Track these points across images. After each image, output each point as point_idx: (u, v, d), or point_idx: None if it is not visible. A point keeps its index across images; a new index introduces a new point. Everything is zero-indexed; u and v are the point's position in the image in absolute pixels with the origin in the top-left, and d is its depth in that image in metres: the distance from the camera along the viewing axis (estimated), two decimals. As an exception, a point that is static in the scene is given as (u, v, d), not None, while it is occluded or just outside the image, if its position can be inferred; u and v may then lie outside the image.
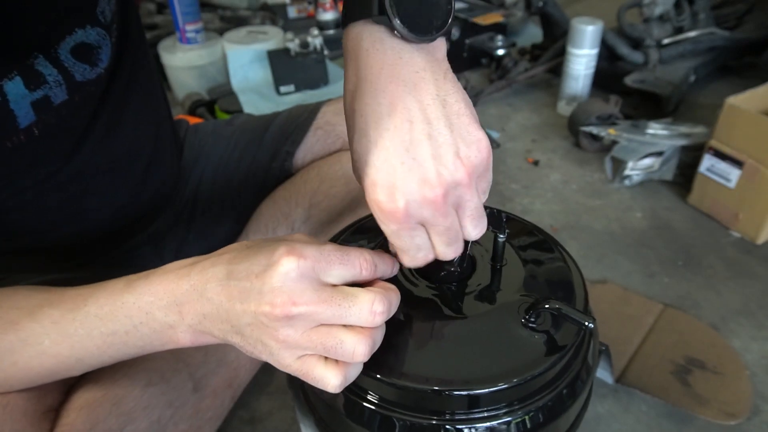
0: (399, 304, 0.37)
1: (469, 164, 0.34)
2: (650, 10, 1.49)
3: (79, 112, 0.49)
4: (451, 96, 0.35)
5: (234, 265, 0.34)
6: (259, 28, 1.67)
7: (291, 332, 0.33)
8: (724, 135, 1.02)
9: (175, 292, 0.36)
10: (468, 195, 0.35)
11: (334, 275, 0.34)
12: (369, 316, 0.34)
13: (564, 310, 0.38)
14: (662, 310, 0.89)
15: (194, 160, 0.74)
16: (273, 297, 0.32)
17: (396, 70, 0.35)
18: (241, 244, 0.37)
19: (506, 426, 0.37)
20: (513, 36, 1.94)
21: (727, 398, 0.74)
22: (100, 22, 0.48)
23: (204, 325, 0.36)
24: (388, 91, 0.35)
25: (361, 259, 0.35)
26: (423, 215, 0.35)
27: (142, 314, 0.37)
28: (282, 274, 0.32)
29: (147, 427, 0.48)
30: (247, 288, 0.33)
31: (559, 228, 1.10)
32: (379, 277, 0.37)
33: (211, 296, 0.34)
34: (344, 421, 0.39)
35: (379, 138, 0.34)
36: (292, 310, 0.32)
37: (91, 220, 0.57)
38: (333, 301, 0.33)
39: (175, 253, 0.72)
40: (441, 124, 0.34)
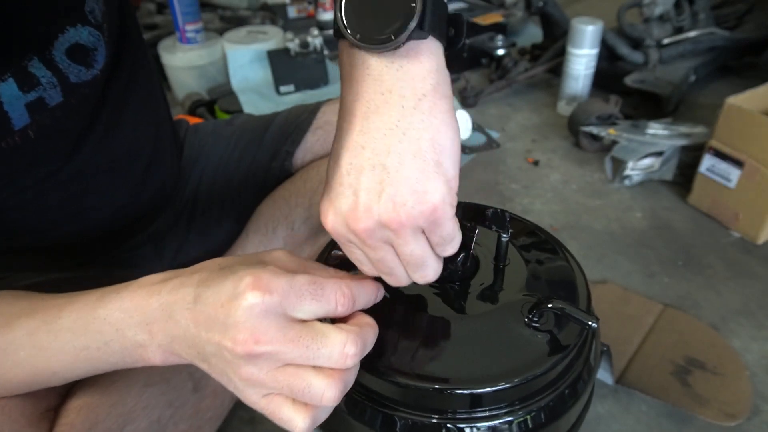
0: (376, 339, 0.35)
1: (403, 212, 0.32)
2: (650, 10, 1.49)
3: (75, 113, 0.49)
4: (414, 130, 0.32)
5: (202, 289, 0.32)
6: (259, 28, 1.67)
7: (254, 370, 0.31)
8: (725, 135, 1.02)
9: (145, 310, 0.35)
10: (399, 240, 0.33)
11: (305, 311, 0.32)
12: (340, 358, 0.31)
13: (567, 310, 0.38)
14: (662, 310, 0.89)
15: (194, 160, 0.74)
16: (235, 332, 0.30)
17: (361, 88, 0.33)
18: (215, 262, 0.35)
19: (508, 425, 0.37)
20: (513, 36, 1.94)
21: (727, 398, 0.74)
22: (90, 22, 0.47)
23: (173, 346, 0.34)
24: (351, 110, 0.33)
25: (338, 293, 0.33)
26: (350, 239, 0.34)
27: (113, 331, 0.36)
28: (245, 309, 0.30)
29: (147, 426, 0.48)
30: (212, 317, 0.31)
31: (559, 228, 1.10)
32: (359, 308, 0.35)
33: (179, 319, 0.33)
34: (346, 420, 0.39)
35: (335, 153, 0.34)
36: (255, 348, 0.30)
37: (91, 219, 0.57)
38: (300, 341, 0.31)
39: (175, 253, 0.72)
40: (389, 160, 0.32)
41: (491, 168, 1.29)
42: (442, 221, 0.33)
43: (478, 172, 1.27)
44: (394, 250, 0.34)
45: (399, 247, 0.34)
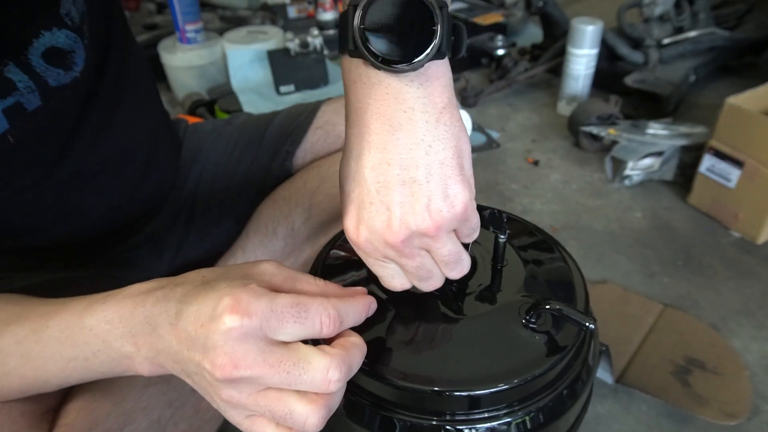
0: (363, 359, 0.34)
1: (439, 218, 0.33)
2: (650, 10, 1.49)
3: (58, 116, 0.48)
4: (439, 142, 0.33)
5: (184, 306, 0.32)
6: (259, 28, 1.67)
7: (235, 393, 0.30)
8: (724, 135, 1.02)
9: (130, 322, 0.34)
10: (437, 244, 0.34)
11: (287, 333, 0.31)
12: (323, 384, 0.30)
13: (565, 311, 0.38)
14: (662, 310, 0.89)
15: (193, 160, 0.74)
16: (214, 356, 0.29)
17: (383, 107, 0.33)
18: (200, 274, 0.35)
19: (506, 426, 0.37)
20: (513, 36, 1.94)
21: (727, 398, 0.74)
22: (66, 24, 0.46)
23: (159, 360, 0.34)
24: (372, 128, 0.33)
25: (323, 315, 0.32)
26: (386, 254, 0.35)
27: (99, 342, 0.35)
28: (223, 333, 0.29)
29: (147, 427, 0.48)
30: (192, 336, 0.31)
31: (559, 228, 1.10)
32: (348, 327, 0.34)
33: (162, 334, 0.32)
34: (344, 422, 0.39)
35: (357, 172, 0.34)
36: (233, 373, 0.29)
37: (87, 219, 0.57)
38: (281, 366, 0.30)
39: (174, 254, 0.72)
40: (418, 173, 0.33)
41: (491, 168, 1.29)
42: (470, 217, 0.35)
43: (478, 172, 1.27)
44: (430, 255, 0.36)
45: (437, 251, 0.35)
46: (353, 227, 0.35)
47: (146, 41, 1.69)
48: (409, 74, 0.33)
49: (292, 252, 0.67)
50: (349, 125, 0.35)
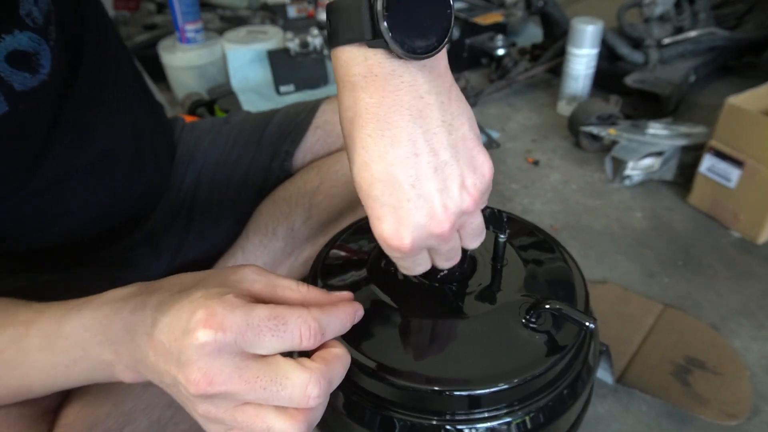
0: (346, 371, 0.32)
1: (476, 192, 0.34)
2: (650, 10, 1.49)
3: (29, 121, 0.47)
4: (457, 119, 0.34)
5: (159, 315, 0.31)
6: (259, 28, 1.67)
7: (211, 408, 0.30)
8: (725, 135, 1.02)
9: (109, 330, 0.33)
10: (472, 218, 0.35)
11: (264, 347, 0.30)
12: (302, 399, 0.29)
13: (565, 311, 0.38)
14: (662, 310, 0.89)
15: (190, 158, 0.74)
16: (188, 372, 0.28)
17: (399, 97, 0.32)
18: (178, 279, 0.34)
19: (507, 426, 0.37)
20: (513, 36, 1.94)
21: (727, 398, 0.74)
22: (28, 26, 0.45)
23: (139, 368, 0.33)
24: (391, 122, 0.32)
25: (303, 327, 0.30)
26: (429, 244, 0.34)
27: (79, 350, 0.34)
28: (196, 348, 0.28)
29: (147, 427, 0.48)
30: (167, 349, 0.30)
31: (559, 228, 1.10)
32: (331, 337, 0.33)
33: (140, 343, 0.31)
34: (345, 421, 0.39)
35: (383, 173, 0.32)
36: (208, 389, 0.28)
37: (73, 223, 0.56)
38: (257, 382, 0.29)
39: (174, 253, 0.72)
40: (447, 154, 0.33)
41: (491, 168, 1.29)
42: (490, 181, 0.36)
43: (478, 172, 1.27)
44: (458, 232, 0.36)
45: (470, 225, 0.35)
46: (393, 232, 0.33)
47: (146, 41, 1.69)
48: (420, 61, 0.32)
49: (293, 252, 0.67)
50: (361, 126, 0.33)
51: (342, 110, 0.34)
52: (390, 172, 0.32)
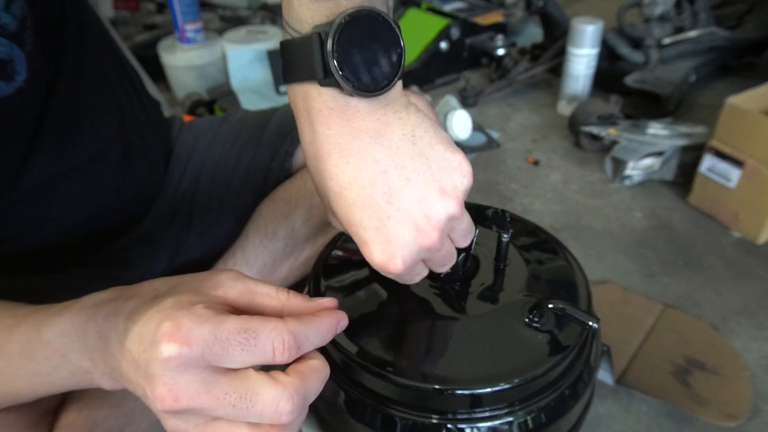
0: (324, 384, 0.31)
1: (457, 193, 0.33)
2: (650, 10, 1.49)
3: (8, 129, 0.46)
4: (419, 128, 0.33)
5: (129, 324, 0.30)
6: (258, 28, 1.67)
7: (181, 424, 0.29)
8: (725, 135, 1.02)
9: (84, 337, 0.33)
10: (459, 221, 0.35)
11: (233, 361, 0.28)
12: (273, 416, 0.28)
13: (568, 310, 0.38)
14: (662, 311, 0.89)
15: (188, 157, 0.74)
16: (154, 386, 0.28)
17: (356, 123, 0.32)
18: (152, 286, 0.33)
19: (508, 426, 0.37)
20: (513, 36, 1.94)
21: (727, 399, 0.74)
22: (8, 31, 0.44)
23: (114, 376, 0.32)
24: (353, 148, 0.32)
25: (276, 341, 0.29)
26: (422, 257, 0.35)
27: (58, 356, 0.34)
28: (161, 362, 0.27)
29: (146, 428, 0.48)
30: (136, 360, 0.29)
31: (559, 228, 1.10)
32: (309, 350, 0.31)
33: (113, 351, 0.31)
34: (346, 419, 0.39)
35: (357, 197, 0.32)
36: (174, 405, 0.27)
37: (65, 224, 0.56)
38: (226, 399, 0.28)
39: (173, 254, 0.71)
40: (417, 163, 0.33)
41: (491, 168, 1.29)
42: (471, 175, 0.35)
43: (478, 172, 1.27)
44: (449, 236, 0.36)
45: (458, 227, 0.35)
46: (384, 256, 0.33)
47: (146, 41, 1.69)
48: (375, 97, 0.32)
49: (293, 252, 0.67)
50: (325, 157, 0.33)
51: (304, 146, 0.35)
52: (363, 195, 0.32)
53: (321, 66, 0.31)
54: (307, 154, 0.35)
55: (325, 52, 0.31)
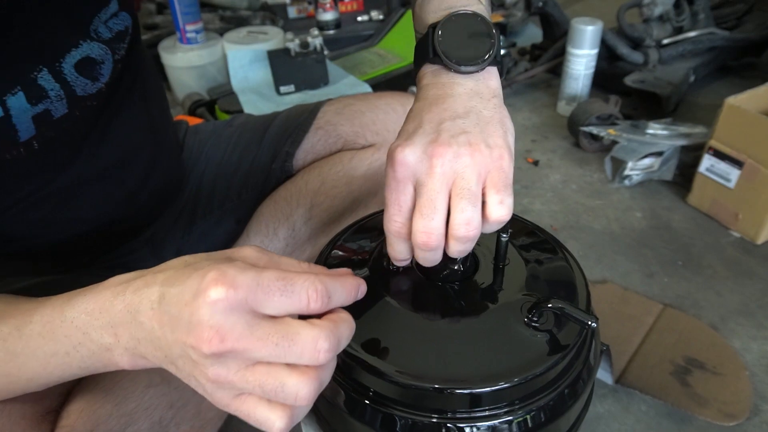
0: (352, 335, 0.33)
1: (477, 151, 0.37)
2: (650, 10, 1.49)
3: (77, 125, 0.49)
4: (489, 110, 0.40)
5: (167, 288, 0.31)
6: (259, 28, 1.67)
7: (222, 371, 0.30)
8: (724, 135, 1.02)
9: (109, 312, 0.34)
10: (466, 173, 0.37)
11: (274, 307, 0.30)
12: (312, 355, 0.30)
13: (567, 310, 0.38)
14: (662, 310, 0.89)
15: (194, 162, 0.74)
16: (200, 331, 0.29)
17: (449, 89, 0.41)
18: (182, 260, 0.35)
19: (507, 425, 0.37)
20: (513, 36, 1.94)
21: (726, 398, 0.75)
22: (93, 39, 0.47)
23: (139, 349, 0.33)
24: (438, 97, 0.41)
25: (310, 289, 0.31)
26: (417, 169, 0.37)
27: (80, 334, 0.35)
28: (209, 305, 0.29)
29: (148, 428, 0.48)
30: (176, 316, 0.30)
31: (558, 228, 1.10)
32: (336, 306, 0.33)
33: (143, 320, 0.32)
34: (346, 419, 0.40)
35: (418, 117, 0.40)
36: (220, 347, 0.29)
37: (85, 225, 0.56)
38: (269, 339, 0.29)
39: (174, 254, 0.71)
40: (471, 120, 0.39)
41: (491, 168, 1.29)
42: (506, 169, 0.38)
43: (478, 172, 1.27)
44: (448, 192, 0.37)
45: (460, 180, 0.37)
46: (396, 145, 0.38)
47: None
48: (472, 75, 0.41)
49: (293, 252, 0.67)
50: (416, 103, 0.42)
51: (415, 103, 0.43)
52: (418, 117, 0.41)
53: (431, 48, 0.42)
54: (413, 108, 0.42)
55: (434, 38, 0.42)
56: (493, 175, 0.38)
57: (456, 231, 0.37)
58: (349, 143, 0.75)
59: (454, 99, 0.40)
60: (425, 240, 0.37)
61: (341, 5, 1.92)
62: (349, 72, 1.56)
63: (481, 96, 0.41)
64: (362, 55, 1.71)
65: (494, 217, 0.37)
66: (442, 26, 0.42)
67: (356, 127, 0.74)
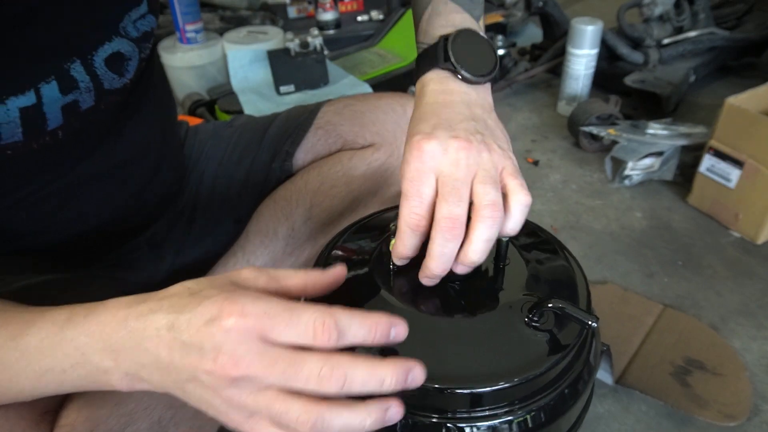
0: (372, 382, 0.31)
1: (494, 152, 0.41)
2: (650, 10, 1.49)
3: (100, 118, 0.51)
4: (491, 120, 0.45)
5: (175, 315, 0.33)
6: (259, 28, 1.67)
7: (236, 392, 0.31)
8: (724, 135, 1.02)
9: (111, 337, 0.34)
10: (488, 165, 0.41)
11: (281, 336, 0.32)
12: (316, 382, 0.31)
13: (567, 310, 0.38)
14: (662, 311, 0.89)
15: (194, 162, 0.74)
16: (215, 355, 0.31)
17: (457, 96, 0.45)
18: (184, 286, 0.35)
19: (508, 425, 0.37)
20: (513, 36, 1.94)
21: (726, 399, 0.74)
22: (122, 36, 0.50)
23: (142, 374, 0.34)
24: (448, 101, 0.45)
25: (316, 322, 0.31)
26: (444, 160, 0.40)
27: (78, 354, 0.35)
28: (223, 333, 0.31)
29: (147, 428, 0.48)
30: (188, 343, 0.32)
31: (559, 228, 1.10)
32: (351, 342, 0.33)
33: (149, 347, 0.33)
34: (346, 420, 0.39)
35: (433, 117, 0.43)
36: (234, 372, 0.31)
37: (90, 222, 0.57)
38: (277, 366, 0.31)
39: (175, 255, 0.72)
40: (481, 125, 0.43)
41: (491, 168, 1.29)
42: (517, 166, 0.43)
43: (478, 172, 1.27)
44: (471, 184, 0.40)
45: (482, 171, 0.40)
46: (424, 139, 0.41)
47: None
48: (474, 86, 0.47)
49: (293, 252, 0.67)
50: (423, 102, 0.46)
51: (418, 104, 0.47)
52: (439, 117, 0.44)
53: (442, 55, 0.46)
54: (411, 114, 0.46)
55: (447, 47, 0.46)
56: (507, 168, 0.42)
57: (483, 211, 0.39)
58: (349, 143, 0.75)
59: (463, 105, 0.44)
60: (450, 226, 0.38)
61: (341, 5, 1.91)
62: (349, 72, 1.56)
63: (483, 107, 0.46)
64: (362, 55, 1.71)
65: (517, 199, 0.41)
66: (455, 38, 0.47)
67: (356, 127, 0.75)
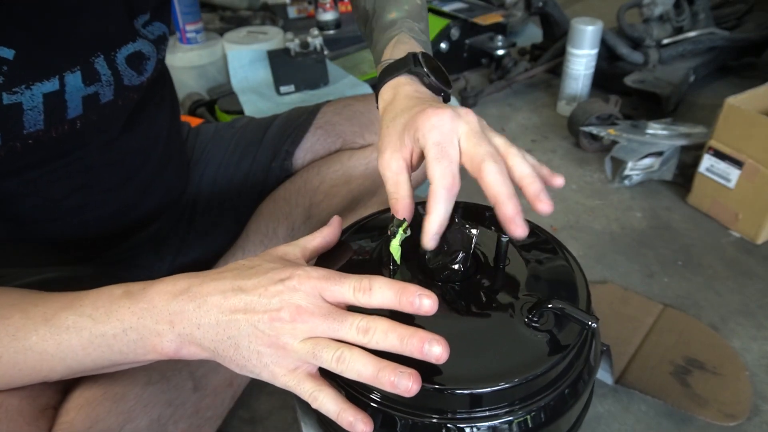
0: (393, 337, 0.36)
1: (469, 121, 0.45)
2: (650, 10, 1.49)
3: (116, 113, 0.53)
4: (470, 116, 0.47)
5: (241, 281, 0.38)
6: (259, 29, 1.67)
7: (290, 340, 0.36)
8: (724, 135, 1.02)
9: (170, 303, 0.38)
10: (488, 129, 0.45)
11: (331, 295, 0.38)
12: (357, 334, 0.36)
13: (567, 310, 0.38)
14: (662, 311, 0.89)
15: (195, 162, 0.75)
16: (281, 307, 0.36)
17: (428, 95, 0.50)
18: (240, 263, 0.40)
19: (508, 425, 0.37)
20: (513, 36, 1.94)
21: (726, 399, 0.74)
22: (149, 38, 0.54)
23: (195, 335, 0.37)
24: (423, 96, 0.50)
25: (354, 283, 0.38)
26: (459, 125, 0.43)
27: (134, 319, 0.38)
28: (291, 290, 0.37)
29: (147, 425, 0.48)
30: (254, 301, 0.37)
31: (558, 228, 1.10)
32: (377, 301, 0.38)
33: (210, 308, 0.37)
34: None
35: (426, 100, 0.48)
36: (297, 319, 0.36)
37: (96, 212, 0.58)
38: (329, 316, 0.37)
39: (175, 254, 0.72)
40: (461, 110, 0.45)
41: (491, 168, 1.29)
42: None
43: (478, 172, 1.27)
44: None
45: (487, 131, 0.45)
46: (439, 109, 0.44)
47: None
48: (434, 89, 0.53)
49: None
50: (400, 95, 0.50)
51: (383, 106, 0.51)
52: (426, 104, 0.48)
53: (412, 62, 0.52)
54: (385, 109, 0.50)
55: (418, 57, 0.52)
56: None
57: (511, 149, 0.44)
58: (348, 143, 0.75)
59: (436, 101, 0.50)
60: (497, 158, 0.42)
61: (341, 5, 1.91)
62: (349, 72, 1.56)
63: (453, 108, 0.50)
64: (362, 55, 1.71)
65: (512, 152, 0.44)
66: (423, 54, 0.53)
67: (355, 126, 0.75)
